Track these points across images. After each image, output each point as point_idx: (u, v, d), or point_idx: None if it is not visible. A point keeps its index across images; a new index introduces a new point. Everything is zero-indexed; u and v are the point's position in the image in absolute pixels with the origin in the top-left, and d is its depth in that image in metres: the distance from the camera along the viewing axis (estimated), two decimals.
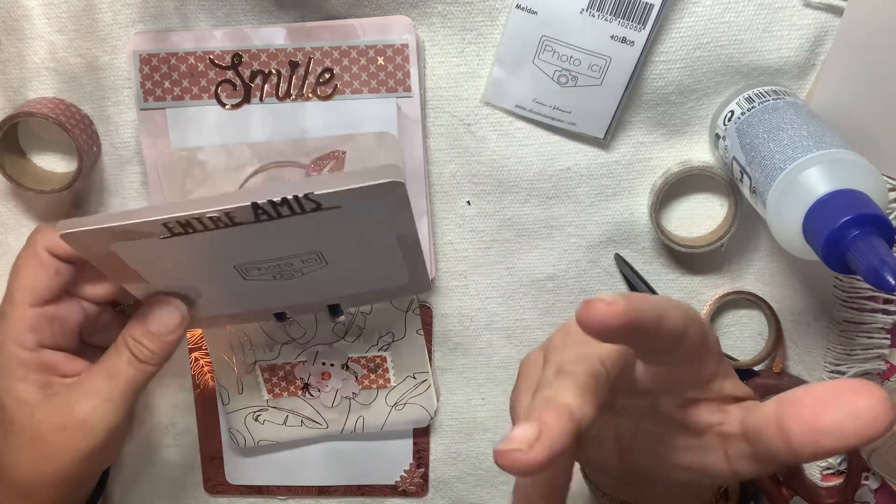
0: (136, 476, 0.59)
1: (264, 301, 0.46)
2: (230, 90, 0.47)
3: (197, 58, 0.46)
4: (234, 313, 0.48)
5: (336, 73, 0.46)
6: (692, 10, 0.45)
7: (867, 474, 0.57)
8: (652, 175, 0.50)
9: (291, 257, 0.42)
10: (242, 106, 0.47)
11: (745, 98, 0.45)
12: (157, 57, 0.46)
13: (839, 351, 0.51)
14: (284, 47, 0.46)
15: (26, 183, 0.48)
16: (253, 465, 0.57)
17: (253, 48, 0.46)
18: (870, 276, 0.34)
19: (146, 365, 0.44)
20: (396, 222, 0.40)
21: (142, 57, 0.46)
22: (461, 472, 0.59)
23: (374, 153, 0.48)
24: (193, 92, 0.47)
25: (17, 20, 0.46)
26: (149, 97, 0.47)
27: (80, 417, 0.43)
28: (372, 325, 0.52)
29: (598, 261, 0.52)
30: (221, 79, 0.47)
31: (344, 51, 0.46)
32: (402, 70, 0.46)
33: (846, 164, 0.38)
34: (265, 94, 0.47)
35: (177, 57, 0.46)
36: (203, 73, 0.46)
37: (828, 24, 0.45)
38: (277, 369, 0.53)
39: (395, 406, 0.54)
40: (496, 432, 0.58)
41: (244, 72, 0.46)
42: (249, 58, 0.46)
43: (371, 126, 0.47)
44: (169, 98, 0.47)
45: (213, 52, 0.46)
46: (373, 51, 0.46)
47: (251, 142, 0.48)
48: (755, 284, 0.52)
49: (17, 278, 0.43)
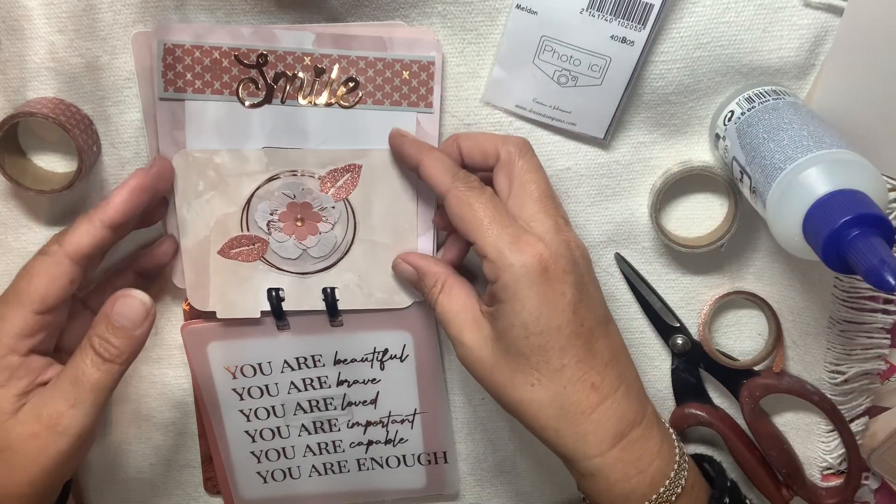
0: (136, 476, 0.59)
1: None
2: (252, 89, 0.47)
3: (222, 53, 0.46)
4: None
5: (361, 83, 0.47)
6: (692, 10, 0.45)
7: (867, 474, 0.57)
8: (652, 175, 0.50)
9: None
10: (262, 106, 0.47)
11: (745, 98, 0.45)
12: (181, 48, 0.46)
13: (839, 351, 0.51)
14: (312, 52, 0.46)
15: (26, 183, 0.48)
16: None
17: (280, 49, 0.46)
18: (870, 276, 0.34)
19: (111, 364, 0.42)
20: None
21: (166, 47, 0.46)
22: (461, 472, 0.59)
23: (389, 171, 0.48)
24: (215, 87, 0.47)
25: (17, 20, 0.46)
26: (169, 87, 0.47)
27: (48, 423, 0.42)
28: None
29: (598, 261, 0.52)
30: (245, 76, 0.47)
31: (370, 62, 0.46)
32: (425, 86, 0.47)
33: (846, 164, 0.38)
34: (287, 95, 0.47)
35: (202, 50, 0.46)
36: (227, 69, 0.46)
37: (828, 24, 0.45)
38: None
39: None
40: (496, 433, 0.58)
41: (268, 72, 0.47)
42: (275, 59, 0.46)
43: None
44: (189, 90, 0.47)
45: (239, 49, 0.46)
46: (399, 64, 0.46)
47: (267, 146, 0.48)
48: (755, 284, 0.52)
49: (29, 283, 0.42)
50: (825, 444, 0.54)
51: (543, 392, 0.42)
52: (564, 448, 0.43)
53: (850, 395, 0.53)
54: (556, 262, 0.41)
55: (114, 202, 0.44)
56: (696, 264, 0.52)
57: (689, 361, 0.54)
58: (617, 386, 0.43)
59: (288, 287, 0.50)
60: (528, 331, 0.41)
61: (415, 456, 0.56)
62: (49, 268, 0.42)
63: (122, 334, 0.42)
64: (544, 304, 0.41)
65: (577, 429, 0.42)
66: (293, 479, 0.57)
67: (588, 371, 0.42)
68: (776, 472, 0.55)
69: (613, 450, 0.43)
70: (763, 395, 0.53)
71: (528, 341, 0.41)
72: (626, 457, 0.43)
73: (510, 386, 0.43)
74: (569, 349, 0.42)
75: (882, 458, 0.55)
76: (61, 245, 0.43)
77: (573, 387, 0.42)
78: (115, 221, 0.44)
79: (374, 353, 0.53)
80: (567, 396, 0.42)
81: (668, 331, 0.53)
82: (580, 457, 0.43)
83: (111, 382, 0.43)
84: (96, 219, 0.43)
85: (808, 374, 0.53)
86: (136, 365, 0.55)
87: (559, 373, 0.42)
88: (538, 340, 0.41)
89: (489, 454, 0.58)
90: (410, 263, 0.48)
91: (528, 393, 0.42)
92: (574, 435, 0.42)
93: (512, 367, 0.42)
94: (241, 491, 0.58)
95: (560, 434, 0.43)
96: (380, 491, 0.58)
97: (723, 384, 0.54)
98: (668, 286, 0.53)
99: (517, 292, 0.41)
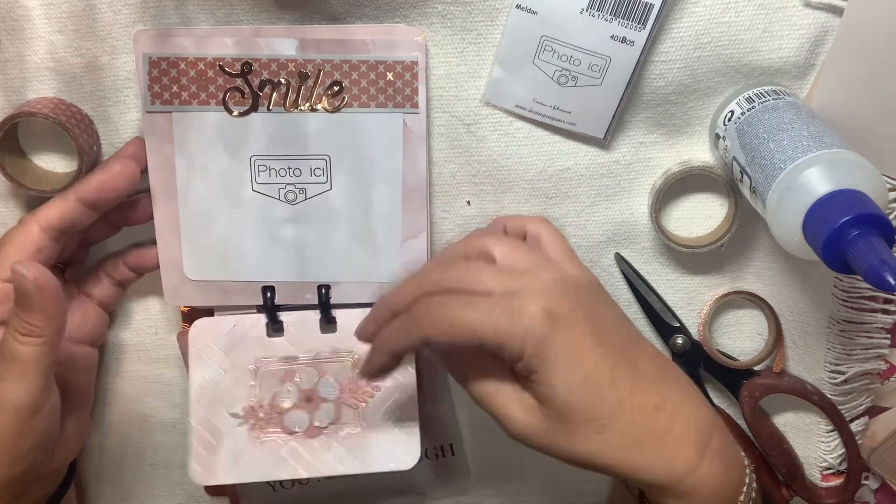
0: (136, 476, 0.59)
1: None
2: (238, 97, 0.47)
3: (207, 64, 0.46)
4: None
5: (345, 86, 0.47)
6: (692, 10, 0.45)
7: (867, 474, 0.57)
8: (652, 175, 0.50)
9: None
10: (250, 114, 0.47)
11: (745, 98, 0.45)
12: (166, 60, 0.46)
13: (839, 351, 0.51)
14: (295, 58, 0.46)
15: (26, 183, 0.48)
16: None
17: (263, 57, 0.46)
18: (870, 276, 0.34)
19: (30, 338, 0.42)
20: None
21: (151, 60, 0.46)
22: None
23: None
24: (201, 97, 0.47)
25: (17, 20, 0.46)
26: (156, 100, 0.47)
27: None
28: None
29: (599, 261, 0.52)
30: (230, 86, 0.47)
31: (354, 64, 0.46)
32: (410, 86, 0.47)
33: (846, 164, 0.38)
34: (273, 102, 0.47)
35: (187, 62, 0.46)
36: (212, 79, 0.47)
37: (828, 24, 0.45)
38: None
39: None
40: (496, 432, 0.57)
41: (253, 80, 0.47)
42: (259, 66, 0.46)
43: (376, 140, 0.48)
44: (176, 102, 0.47)
45: (223, 58, 0.46)
46: (382, 66, 0.46)
47: (256, 155, 0.48)
48: (755, 284, 0.52)
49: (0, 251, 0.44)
50: (825, 444, 0.54)
51: (614, 435, 0.40)
52: (657, 480, 0.40)
53: (850, 395, 0.53)
54: (558, 307, 0.39)
55: (90, 180, 0.46)
56: (696, 264, 0.52)
57: (689, 361, 0.54)
58: (678, 399, 0.41)
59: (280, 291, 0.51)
60: (571, 385, 0.39)
61: (421, 450, 0.56)
62: (19, 235, 0.45)
63: (35, 312, 0.42)
64: (571, 351, 0.39)
65: (661, 454, 0.40)
66: (302, 485, 0.57)
67: (645, 394, 0.40)
68: (776, 472, 0.55)
69: (703, 463, 0.40)
70: (763, 395, 0.53)
71: (575, 396, 0.39)
72: (715, 470, 0.41)
73: (578, 442, 0.40)
74: (617, 381, 0.40)
75: (882, 458, 0.55)
76: (34, 215, 0.45)
77: (639, 416, 0.40)
78: (87, 197, 0.46)
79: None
80: (639, 427, 0.40)
81: (668, 331, 0.53)
82: (674, 481, 0.40)
83: (40, 355, 0.42)
84: (70, 193, 0.46)
85: (808, 374, 0.53)
86: (136, 365, 0.55)
87: (620, 408, 0.40)
88: (584, 389, 0.39)
89: (489, 454, 0.58)
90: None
91: (598, 442, 0.40)
92: (659, 462, 0.40)
93: (573, 426, 0.40)
94: (250, 499, 0.58)
95: (647, 467, 0.40)
96: (389, 490, 0.58)
97: (723, 384, 0.54)
98: (668, 286, 0.53)
99: (541, 355, 0.39)
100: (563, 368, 0.39)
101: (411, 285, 0.43)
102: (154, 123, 0.47)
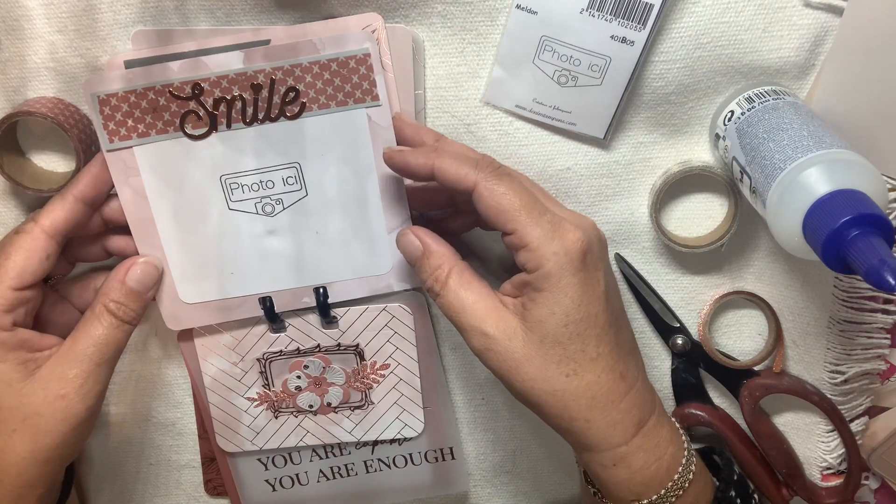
0: (136, 476, 0.59)
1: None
2: (195, 120, 0.46)
3: (157, 92, 0.45)
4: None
5: (301, 91, 0.46)
6: (692, 10, 0.45)
7: (867, 474, 0.57)
8: (652, 175, 0.50)
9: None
10: (210, 134, 0.46)
11: (745, 98, 0.45)
12: (115, 97, 0.45)
13: (839, 351, 0.51)
14: (244, 70, 0.45)
15: (25, 182, 0.48)
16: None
17: (212, 76, 0.45)
18: (870, 276, 0.34)
19: (128, 325, 0.46)
20: None
21: (100, 98, 0.45)
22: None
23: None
24: (158, 126, 0.46)
25: (17, 20, 0.46)
26: (114, 137, 0.46)
27: (78, 383, 0.44)
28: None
29: None
30: (184, 110, 0.46)
31: (305, 67, 0.45)
32: (367, 80, 0.46)
33: (846, 164, 0.38)
34: (231, 120, 0.46)
35: (136, 94, 0.45)
36: (165, 106, 0.46)
37: (828, 24, 0.45)
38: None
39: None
40: (496, 433, 0.58)
41: (206, 100, 0.46)
42: (210, 85, 0.45)
43: (342, 139, 0.47)
44: (134, 136, 0.46)
45: (171, 84, 0.45)
46: (335, 63, 0.45)
47: (225, 174, 0.47)
48: (755, 284, 0.52)
49: (7, 259, 0.44)
50: (825, 444, 0.54)
51: (578, 382, 0.42)
52: (593, 439, 0.43)
53: (850, 395, 0.53)
54: (592, 250, 0.41)
55: (83, 177, 0.46)
56: (696, 264, 0.52)
57: (689, 361, 0.54)
58: (637, 374, 0.44)
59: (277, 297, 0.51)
60: (568, 319, 0.41)
61: (421, 454, 0.56)
62: (26, 243, 0.44)
63: (137, 297, 0.47)
64: (584, 291, 0.41)
65: (608, 418, 0.42)
66: (301, 485, 0.57)
67: (617, 360, 0.43)
68: (776, 472, 0.55)
69: (636, 438, 0.43)
70: (763, 395, 0.53)
71: (567, 330, 0.41)
72: (646, 444, 0.43)
73: (542, 378, 0.42)
74: (604, 337, 0.42)
75: (882, 458, 0.55)
76: (37, 221, 0.45)
77: (606, 376, 0.42)
78: (85, 194, 0.46)
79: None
80: (601, 386, 0.42)
81: (668, 331, 0.53)
82: (607, 446, 0.43)
83: (125, 340, 0.47)
84: (68, 194, 0.46)
85: (808, 374, 0.53)
86: (136, 365, 0.55)
87: (594, 362, 0.42)
88: (577, 329, 0.41)
89: (489, 454, 0.58)
90: (418, 237, 0.45)
91: (562, 384, 0.42)
92: (604, 424, 0.42)
93: (545, 359, 0.41)
94: (250, 499, 0.58)
95: (591, 425, 0.42)
96: (388, 492, 0.58)
97: (723, 384, 0.54)
98: (668, 286, 0.53)
99: (560, 280, 0.40)
100: (570, 301, 0.41)
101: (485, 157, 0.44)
102: (118, 160, 0.47)
